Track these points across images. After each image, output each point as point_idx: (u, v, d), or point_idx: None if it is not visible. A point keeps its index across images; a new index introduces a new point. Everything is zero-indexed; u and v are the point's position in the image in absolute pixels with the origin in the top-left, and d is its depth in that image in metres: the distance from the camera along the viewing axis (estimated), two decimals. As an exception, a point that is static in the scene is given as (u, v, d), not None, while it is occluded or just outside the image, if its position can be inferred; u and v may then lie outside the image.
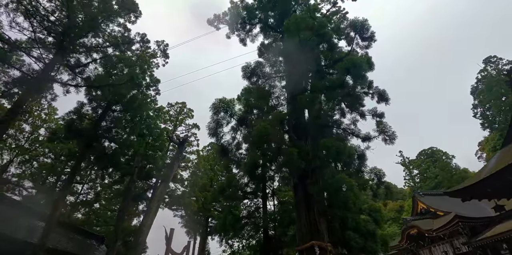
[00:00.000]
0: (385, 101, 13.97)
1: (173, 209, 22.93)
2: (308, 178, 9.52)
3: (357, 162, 13.42)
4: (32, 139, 20.20)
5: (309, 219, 8.89)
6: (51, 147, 18.25)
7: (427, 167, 39.27)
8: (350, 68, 9.77)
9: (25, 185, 18.10)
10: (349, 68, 9.75)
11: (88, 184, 23.12)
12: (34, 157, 19.39)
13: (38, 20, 13.60)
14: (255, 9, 16.69)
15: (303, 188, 9.52)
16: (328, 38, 13.05)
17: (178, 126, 28.26)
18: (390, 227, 31.36)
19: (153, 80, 20.65)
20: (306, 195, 9.22)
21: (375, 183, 13.69)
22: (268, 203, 14.42)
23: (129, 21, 18.39)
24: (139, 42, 17.38)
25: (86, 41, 15.44)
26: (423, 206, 22.22)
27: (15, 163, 19.09)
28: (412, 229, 20.28)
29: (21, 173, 19.01)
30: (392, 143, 12.21)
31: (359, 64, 9.66)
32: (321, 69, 13.63)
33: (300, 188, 9.65)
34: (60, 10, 14.38)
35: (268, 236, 11.47)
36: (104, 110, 16.49)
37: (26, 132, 20.00)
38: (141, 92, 20.71)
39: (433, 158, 39.70)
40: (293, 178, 10.46)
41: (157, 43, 23.02)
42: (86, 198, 22.20)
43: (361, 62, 9.83)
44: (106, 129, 16.45)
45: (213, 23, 15.66)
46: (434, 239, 19.06)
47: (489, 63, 37.82)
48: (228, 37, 16.13)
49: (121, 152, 16.94)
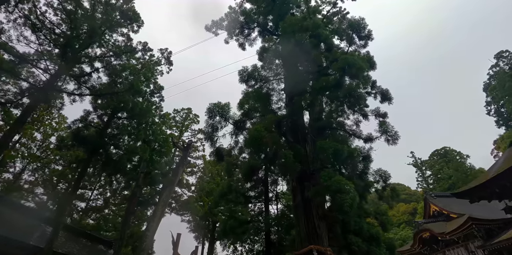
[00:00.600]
0: (388, 100, 13.72)
1: (180, 214, 23.10)
2: (306, 181, 9.40)
3: (361, 163, 13.20)
4: (43, 147, 20.95)
5: (308, 223, 8.74)
6: (61, 154, 18.88)
7: (441, 167, 37.90)
8: (344, 68, 9.65)
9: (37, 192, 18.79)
10: (344, 67, 9.63)
11: (98, 190, 23.67)
12: (45, 164, 20.09)
13: (44, 33, 14.23)
14: (254, 14, 16.85)
15: (301, 191, 9.39)
16: (324, 39, 12.97)
17: (184, 132, 28.64)
18: (403, 231, 30.35)
19: (157, 87, 21.11)
20: (305, 199, 9.08)
21: (380, 185, 13.40)
22: (272, 206, 14.30)
23: (132, 30, 18.94)
24: (141, 50, 17.85)
25: (90, 51, 16.02)
26: (435, 208, 21.42)
27: (27, 171, 19.84)
28: (425, 233, 19.55)
29: (34, 180, 19.73)
30: (395, 143, 11.95)
31: (354, 63, 9.53)
32: (321, 71, 13.55)
33: (298, 191, 9.52)
34: (65, 22, 14.99)
35: (270, 240, 11.33)
36: (109, 117, 16.94)
37: (38, 140, 20.81)
38: (146, 100, 21.23)
39: (446, 158, 38.29)
40: (291, 181, 10.35)
41: (161, 51, 23.59)
42: (96, 204, 22.74)
43: (356, 61, 9.69)
44: (111, 136, 16.86)
45: (211, 29, 15.88)
46: (448, 242, 18.28)
47: (501, 58, 36.47)
48: (226, 42, 16.32)
49: (126, 158, 17.28)
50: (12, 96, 13.46)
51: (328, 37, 13.56)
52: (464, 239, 16.82)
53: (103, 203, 22.53)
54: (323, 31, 13.22)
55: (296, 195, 9.48)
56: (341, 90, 12.03)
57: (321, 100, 14.09)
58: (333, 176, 8.43)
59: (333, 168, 11.10)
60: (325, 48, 14.07)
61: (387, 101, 13.95)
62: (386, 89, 14.27)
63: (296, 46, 12.64)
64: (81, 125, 15.33)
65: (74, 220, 20.70)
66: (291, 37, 12.62)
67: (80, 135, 14.81)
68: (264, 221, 11.68)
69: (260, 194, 13.75)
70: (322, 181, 8.34)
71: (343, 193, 7.51)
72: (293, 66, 13.47)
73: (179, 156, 25.13)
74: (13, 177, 18.94)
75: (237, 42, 16.68)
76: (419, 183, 41.87)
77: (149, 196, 19.32)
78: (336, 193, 7.65)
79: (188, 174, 24.54)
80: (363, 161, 13.34)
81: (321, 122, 13.06)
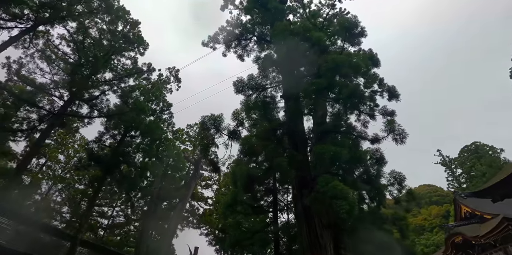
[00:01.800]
0: (396, 98, 13.22)
1: (196, 228, 23.20)
2: (305, 188, 9.13)
3: (374, 166, 12.63)
4: (67, 168, 22.39)
5: (310, 232, 8.40)
6: (82, 174, 20.07)
7: (472, 164, 34.93)
8: (334, 68, 9.48)
9: (64, 210, 19.94)
10: (333, 68, 9.47)
11: (120, 207, 24.58)
12: (69, 184, 21.39)
13: (58, 64, 15.55)
14: (250, 24, 17.21)
15: (301, 199, 9.11)
16: (317, 41, 12.86)
17: (198, 146, 29.10)
18: (436, 235, 28.02)
19: (166, 104, 21.98)
20: (304, 207, 8.79)
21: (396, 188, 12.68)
22: (283, 216, 13.94)
23: (139, 53, 20.13)
24: (146, 71, 18.79)
25: (100, 76, 17.18)
26: (466, 209, 19.65)
27: (53, 191, 21.24)
28: (457, 237, 17.94)
29: (60, 200, 21.03)
30: (403, 143, 11.39)
31: (342, 63, 9.34)
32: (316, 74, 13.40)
33: (299, 199, 9.25)
34: (75, 52, 16.29)
35: (278, 252, 10.98)
36: (122, 136, 17.82)
37: (62, 162, 22.31)
38: (157, 117, 22.16)
39: (478, 154, 35.32)
40: (293, 189, 10.10)
41: (169, 69, 24.69)
42: (118, 221, 23.58)
43: (345, 61, 9.49)
44: (124, 154, 17.64)
45: (208, 45, 16.33)
46: (485, 246, 16.60)
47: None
48: (224, 55, 16.62)
49: (140, 175, 17.93)
50: (32, 123, 14.68)
51: (321, 39, 13.42)
52: (502, 242, 15.19)
53: (124, 219, 23.36)
54: (316, 34, 13.13)
55: (297, 203, 9.21)
56: (336, 91, 11.77)
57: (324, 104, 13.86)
58: (331, 181, 8.12)
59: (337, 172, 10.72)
60: (319, 50, 13.97)
61: (394, 99, 13.47)
62: (392, 86, 13.77)
63: (290, 52, 12.67)
64: (96, 146, 16.27)
65: (99, 236, 21.56)
66: (283, 43, 12.71)
67: (95, 155, 15.68)
68: (272, 231, 11.40)
69: (269, 204, 13.50)
70: (319, 187, 8.07)
71: (339, 199, 7.18)
72: (289, 72, 13.46)
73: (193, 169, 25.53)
74: (41, 197, 20.37)
75: (235, 54, 17.03)
76: (449, 183, 38.79)
77: (165, 211, 19.72)
78: (332, 199, 7.33)
79: (203, 187, 24.82)
80: (376, 164, 12.78)
81: (324, 126, 12.77)
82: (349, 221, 9.05)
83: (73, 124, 16.83)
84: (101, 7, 14.90)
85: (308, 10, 19.02)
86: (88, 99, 14.76)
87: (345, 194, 7.31)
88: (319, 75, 13.76)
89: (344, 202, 7.06)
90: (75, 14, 14.74)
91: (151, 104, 21.32)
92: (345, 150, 9.47)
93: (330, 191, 7.54)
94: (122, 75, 17.04)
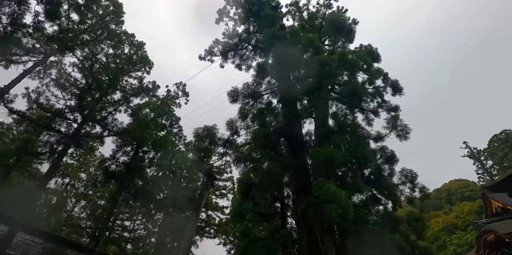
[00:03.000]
0: (399, 92, 12.99)
1: (212, 237, 23.37)
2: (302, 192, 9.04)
3: (385, 165, 12.29)
4: (89, 185, 23.76)
5: (309, 238, 8.26)
6: (101, 190, 21.23)
7: (504, 154, 32.20)
8: (320, 69, 9.47)
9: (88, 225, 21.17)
10: (320, 69, 9.46)
11: (141, 220, 25.47)
12: (91, 200, 22.64)
13: (70, 90, 16.80)
14: (247, 34, 17.58)
15: (300, 204, 9.02)
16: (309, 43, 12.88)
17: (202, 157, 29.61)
18: (469, 234, 25.98)
19: (174, 119, 22.79)
20: (303, 211, 8.68)
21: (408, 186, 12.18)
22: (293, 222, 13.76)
23: (145, 72, 21.22)
24: (152, 89, 19.68)
25: (109, 98, 18.26)
26: (497, 204, 18.21)
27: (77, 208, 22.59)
28: (489, 235, 16.57)
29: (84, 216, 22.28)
30: (406, 139, 11.02)
31: (328, 63, 9.30)
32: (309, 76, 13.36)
33: (297, 203, 9.16)
34: (85, 77, 17.51)
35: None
36: (134, 152, 18.69)
37: (84, 180, 23.73)
38: (168, 132, 23.04)
39: (509, 143, 32.60)
40: (293, 194, 10.03)
41: (176, 85, 25.69)
42: (139, 234, 24.43)
43: (331, 60, 9.45)
44: (138, 169, 18.44)
45: (206, 58, 16.86)
46: (522, 245, 15.21)
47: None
48: (221, 67, 17.05)
49: (154, 188, 18.61)
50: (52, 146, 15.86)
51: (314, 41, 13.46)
52: (540, 239, 13.87)
53: (145, 232, 24.15)
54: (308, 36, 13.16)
55: (296, 208, 9.12)
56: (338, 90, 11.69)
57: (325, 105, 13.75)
58: (325, 184, 7.98)
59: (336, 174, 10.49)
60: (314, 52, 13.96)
61: (398, 93, 13.20)
62: (395, 80, 13.52)
63: (281, 57, 12.83)
64: (110, 163, 17.23)
65: (123, 249, 22.44)
66: (273, 49, 12.90)
67: (109, 171, 16.58)
68: (279, 237, 11.26)
69: (277, 210, 13.43)
70: (313, 191, 7.96)
71: (331, 203, 7.04)
72: (284, 77, 13.54)
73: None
74: (67, 214, 21.75)
75: (233, 64, 17.42)
76: (480, 176, 35.93)
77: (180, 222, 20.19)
78: (325, 203, 7.21)
79: (218, 196, 25.13)
80: (387, 162, 12.43)
81: (325, 127, 12.64)
82: (354, 224, 8.79)
83: (89, 144, 17.94)
84: (103, 34, 16.00)
85: (307, 13, 19.11)
86: (99, 120, 15.74)
87: (337, 197, 7.14)
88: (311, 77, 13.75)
89: (336, 206, 6.91)
90: (82, 43, 15.93)
91: (161, 120, 22.27)
92: (339, 152, 9.31)
93: (323, 194, 7.42)
94: (130, 94, 18.02)
